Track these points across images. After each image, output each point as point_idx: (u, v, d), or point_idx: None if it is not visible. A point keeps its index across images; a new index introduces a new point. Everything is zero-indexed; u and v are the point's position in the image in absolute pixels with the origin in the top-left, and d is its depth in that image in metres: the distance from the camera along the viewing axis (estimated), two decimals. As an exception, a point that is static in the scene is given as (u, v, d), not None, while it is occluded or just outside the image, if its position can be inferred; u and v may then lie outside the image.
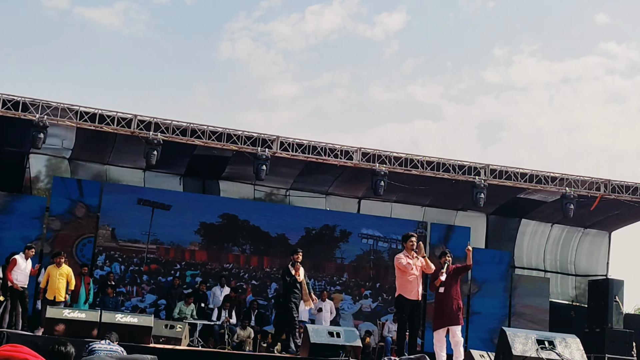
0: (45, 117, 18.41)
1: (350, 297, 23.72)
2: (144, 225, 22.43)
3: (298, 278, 15.84)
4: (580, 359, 11.21)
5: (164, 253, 22.60)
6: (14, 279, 17.10)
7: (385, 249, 24.01)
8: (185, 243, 22.86)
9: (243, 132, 20.02)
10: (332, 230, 24.05)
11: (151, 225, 22.53)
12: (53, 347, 5.79)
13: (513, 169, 21.58)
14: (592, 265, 25.85)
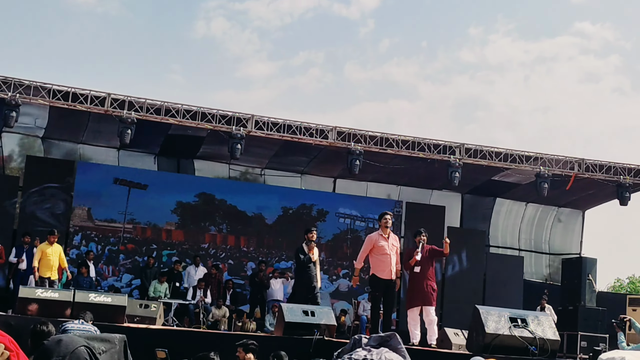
0: (17, 95, 18.19)
1: (327, 277, 23.76)
2: (120, 205, 22.35)
3: (312, 257, 15.53)
4: (552, 336, 11.28)
5: (140, 233, 22.56)
6: None
7: (363, 228, 24.05)
8: (162, 222, 22.81)
9: (218, 111, 19.90)
10: (309, 210, 24.06)
11: (127, 205, 22.46)
12: (35, 326, 5.76)
13: (488, 148, 21.61)
14: (566, 244, 26.04)
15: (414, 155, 21.16)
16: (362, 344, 3.71)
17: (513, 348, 10.90)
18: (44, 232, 19.93)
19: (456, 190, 24.14)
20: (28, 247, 19.21)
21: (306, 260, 15.44)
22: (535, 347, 11.00)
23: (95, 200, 22.15)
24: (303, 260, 15.53)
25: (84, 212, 21.99)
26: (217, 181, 23.67)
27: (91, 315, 11.18)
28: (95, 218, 22.07)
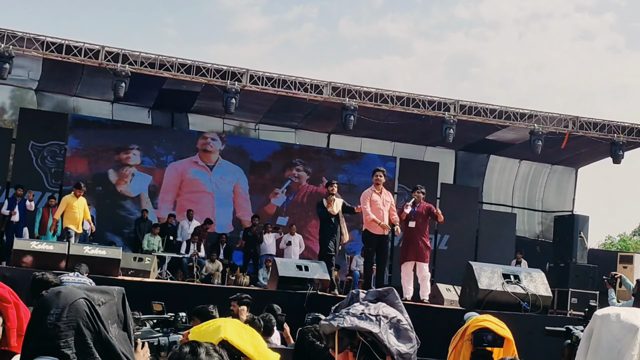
0: (10, 47, 18.07)
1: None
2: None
3: (332, 212, 14.97)
4: (544, 292, 11.37)
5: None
6: None
7: (361, 183, 24.07)
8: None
9: (212, 65, 19.81)
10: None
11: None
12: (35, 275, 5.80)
13: (482, 105, 21.59)
14: (559, 202, 26.14)
15: (408, 111, 21.13)
16: (359, 299, 3.71)
17: (506, 304, 11.00)
18: (37, 185, 20.00)
19: (450, 147, 24.13)
20: (20, 199, 19.19)
21: (325, 216, 15.04)
22: (527, 303, 11.09)
23: (89, 152, 22.11)
24: (322, 216, 15.21)
25: (78, 165, 21.95)
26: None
27: (86, 267, 11.23)
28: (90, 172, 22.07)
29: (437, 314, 12.25)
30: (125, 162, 22.51)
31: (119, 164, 22.44)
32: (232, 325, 3.61)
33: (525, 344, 5.54)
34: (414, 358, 3.63)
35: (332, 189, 15.06)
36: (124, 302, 3.35)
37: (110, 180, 22.38)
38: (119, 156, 22.43)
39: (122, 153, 22.45)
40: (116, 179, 22.43)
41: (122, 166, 22.46)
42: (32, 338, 3.07)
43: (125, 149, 22.47)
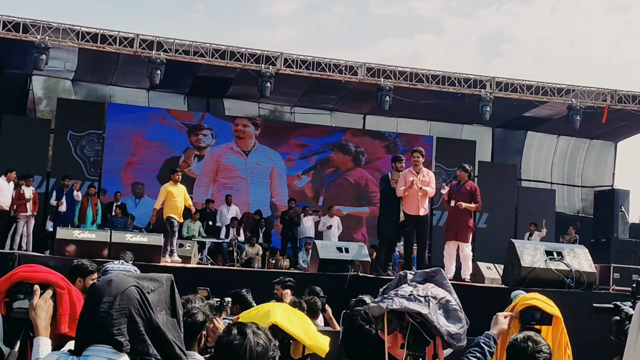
0: (46, 38, 18.23)
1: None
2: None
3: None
4: (588, 269, 11.28)
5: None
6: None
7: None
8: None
9: (246, 50, 19.83)
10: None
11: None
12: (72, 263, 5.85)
13: (519, 81, 21.42)
14: (599, 176, 25.86)
15: (444, 90, 21.03)
16: (407, 280, 3.70)
17: (549, 281, 10.90)
18: (76, 174, 20.15)
19: (487, 124, 23.97)
20: (67, 190, 19.31)
21: (387, 191, 14.23)
22: (571, 280, 11.00)
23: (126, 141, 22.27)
24: (384, 191, 14.44)
25: (115, 154, 22.12)
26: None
27: (131, 255, 11.27)
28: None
29: (479, 293, 12.18)
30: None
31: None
32: (281, 309, 3.62)
33: (571, 321, 5.50)
34: (463, 338, 3.62)
35: (400, 165, 14.25)
36: (172, 289, 3.37)
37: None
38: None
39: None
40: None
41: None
42: (85, 326, 3.10)
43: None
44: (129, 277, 3.21)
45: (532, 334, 4.41)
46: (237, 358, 2.93)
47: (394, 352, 3.68)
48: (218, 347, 2.99)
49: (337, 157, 24.06)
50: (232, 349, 2.93)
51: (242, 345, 2.93)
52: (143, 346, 3.08)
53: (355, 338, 4.59)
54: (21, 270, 3.77)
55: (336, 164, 24.06)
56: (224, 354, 2.94)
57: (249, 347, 2.94)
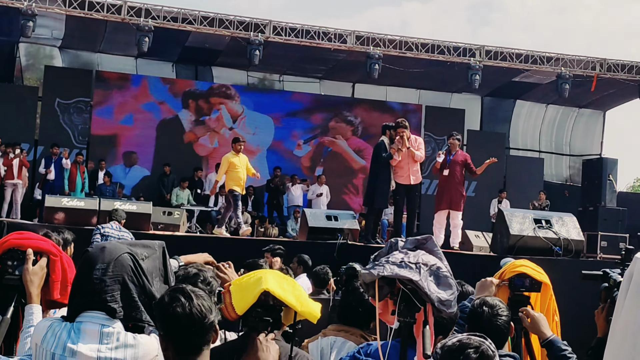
0: (33, 4, 18.09)
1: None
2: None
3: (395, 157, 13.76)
4: (576, 237, 11.35)
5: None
6: None
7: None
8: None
9: (235, 17, 19.74)
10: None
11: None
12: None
13: (508, 49, 21.41)
14: (587, 145, 25.92)
15: (433, 58, 21.00)
16: (398, 247, 3.72)
17: (537, 249, 10.97)
18: (64, 142, 20.08)
19: (476, 92, 23.97)
20: (56, 158, 19.25)
21: (380, 159, 13.89)
22: (559, 248, 11.07)
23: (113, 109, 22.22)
24: (377, 158, 14.02)
25: (103, 121, 22.05)
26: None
27: (123, 212, 11.19)
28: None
29: (468, 260, 12.25)
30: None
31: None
32: (273, 276, 3.64)
33: (559, 289, 5.54)
34: (454, 305, 3.65)
35: (393, 132, 13.95)
36: (164, 256, 3.39)
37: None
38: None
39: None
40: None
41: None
42: (79, 293, 3.12)
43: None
44: (122, 244, 3.23)
45: (488, 298, 4.45)
46: (193, 326, 2.84)
47: (384, 318, 3.71)
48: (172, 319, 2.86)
49: (337, 127, 24.03)
50: (186, 319, 2.84)
51: (191, 313, 2.84)
52: (136, 312, 3.11)
53: (355, 303, 4.66)
54: (12, 237, 3.77)
55: (336, 134, 23.99)
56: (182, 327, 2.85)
57: (200, 312, 2.85)
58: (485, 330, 3.98)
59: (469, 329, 4.15)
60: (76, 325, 3.04)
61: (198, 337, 2.84)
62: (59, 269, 3.71)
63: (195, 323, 2.80)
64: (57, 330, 3.03)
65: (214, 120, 23.15)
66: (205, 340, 2.87)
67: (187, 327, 2.80)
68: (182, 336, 2.82)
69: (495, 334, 4.05)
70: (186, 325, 2.80)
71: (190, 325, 2.80)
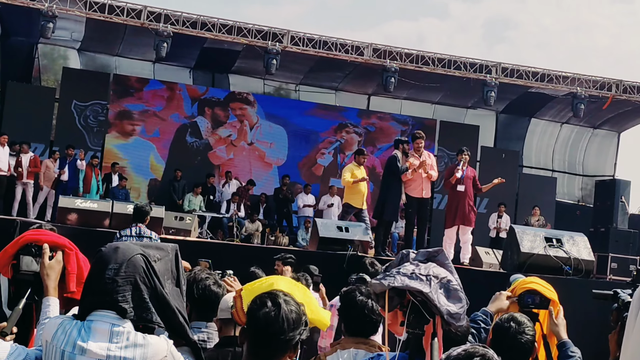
0: (54, 6, 18.22)
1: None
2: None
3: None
4: (587, 257, 11.32)
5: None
6: None
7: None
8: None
9: (254, 26, 19.83)
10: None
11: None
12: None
13: (525, 67, 21.42)
14: (600, 166, 25.84)
15: (449, 73, 21.02)
16: (409, 259, 3.73)
17: (548, 267, 10.94)
18: (79, 144, 20.12)
19: (491, 109, 23.94)
20: (71, 159, 19.29)
21: (393, 172, 13.98)
22: (569, 267, 11.04)
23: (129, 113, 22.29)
24: (389, 171, 14.07)
25: (119, 125, 22.13)
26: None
27: (147, 208, 10.91)
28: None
29: (478, 276, 12.24)
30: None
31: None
32: (284, 282, 3.66)
33: (568, 308, 5.53)
34: (463, 318, 3.65)
35: (406, 147, 14.04)
36: (177, 259, 3.41)
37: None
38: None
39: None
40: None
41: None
42: (90, 292, 3.14)
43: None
44: (135, 245, 3.25)
45: (517, 314, 4.47)
46: (276, 329, 2.97)
47: (393, 329, 3.72)
48: (253, 319, 3.00)
49: (348, 138, 24.02)
50: (269, 320, 2.97)
51: (278, 316, 2.97)
52: (147, 313, 3.12)
53: (356, 314, 4.64)
54: (29, 233, 3.82)
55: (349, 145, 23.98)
56: (262, 327, 2.97)
57: (285, 316, 2.98)
58: (510, 347, 4.01)
59: (493, 343, 4.17)
60: (87, 324, 3.05)
61: (274, 347, 2.97)
62: (74, 261, 3.76)
63: (277, 332, 2.95)
64: (68, 328, 3.05)
65: (234, 130, 23.13)
66: (281, 353, 2.98)
67: (267, 333, 2.97)
68: (261, 342, 2.95)
69: (519, 351, 4.08)
70: (267, 331, 2.96)
71: (272, 333, 2.97)
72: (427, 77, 21.59)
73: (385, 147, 23.61)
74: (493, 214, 21.34)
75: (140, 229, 10.37)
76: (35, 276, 3.71)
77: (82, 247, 3.85)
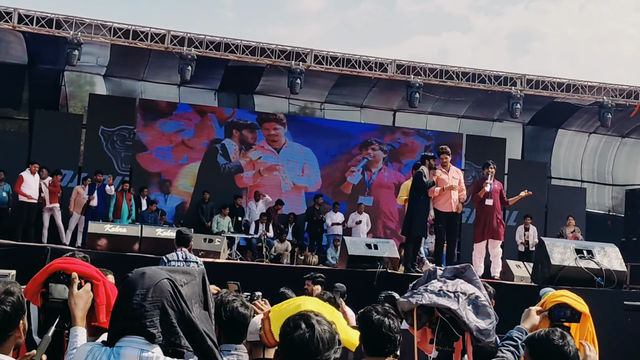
0: (79, 34, 18.41)
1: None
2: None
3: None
4: (619, 267, 11.22)
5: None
6: (25, 193, 17.77)
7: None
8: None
9: (277, 46, 19.92)
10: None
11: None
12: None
13: (550, 78, 21.33)
14: (630, 175, 25.64)
15: (474, 87, 20.99)
16: (437, 276, 3.73)
17: (579, 279, 10.86)
18: (107, 169, 20.23)
19: (517, 121, 23.84)
20: (100, 184, 19.39)
21: (429, 184, 13.70)
22: (601, 278, 10.94)
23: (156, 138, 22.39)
24: (416, 187, 13.88)
25: (145, 149, 22.25)
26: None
27: (188, 233, 10.80)
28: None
29: (509, 290, 12.16)
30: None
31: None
32: (311, 303, 3.66)
33: (601, 320, 5.49)
34: (492, 334, 3.64)
35: (433, 162, 13.95)
36: (204, 283, 3.42)
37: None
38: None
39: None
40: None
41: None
42: (119, 318, 3.15)
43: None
44: (162, 270, 3.26)
45: (554, 329, 4.36)
46: (312, 350, 2.96)
47: (423, 347, 3.71)
48: (288, 342, 2.99)
49: (375, 155, 23.97)
50: (304, 342, 2.96)
51: (313, 337, 2.97)
52: (175, 338, 3.13)
53: (374, 333, 4.59)
54: (58, 262, 3.85)
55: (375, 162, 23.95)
56: (297, 349, 2.97)
57: (319, 337, 2.98)
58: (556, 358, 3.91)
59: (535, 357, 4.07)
60: (116, 350, 3.06)
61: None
62: (103, 293, 3.78)
63: (313, 353, 2.95)
64: (98, 354, 3.06)
65: (262, 150, 23.22)
66: None
67: (304, 355, 2.96)
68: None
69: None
70: (303, 353, 2.95)
71: (308, 354, 2.95)
72: (452, 91, 21.57)
73: (411, 162, 23.57)
74: (520, 227, 21.14)
75: (186, 253, 10.37)
76: (64, 304, 3.73)
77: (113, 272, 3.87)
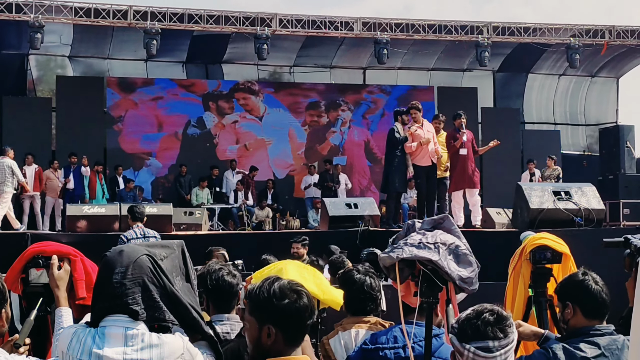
0: (40, 16, 18.19)
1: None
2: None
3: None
4: (597, 206, 11.27)
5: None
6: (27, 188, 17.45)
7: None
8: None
9: (240, 13, 19.78)
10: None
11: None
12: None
13: (515, 24, 21.34)
14: (602, 114, 25.75)
15: (441, 38, 20.97)
16: (416, 229, 3.73)
17: (559, 221, 10.88)
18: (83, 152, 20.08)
19: (487, 69, 23.86)
20: (75, 167, 19.27)
21: (402, 140, 13.72)
22: (580, 218, 10.99)
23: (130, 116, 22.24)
24: (392, 144, 13.91)
25: (118, 128, 22.10)
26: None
27: (141, 209, 10.88)
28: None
29: (491, 237, 12.21)
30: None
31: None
32: (293, 266, 3.66)
33: (583, 259, 5.51)
34: (475, 282, 3.65)
35: (406, 117, 13.97)
36: (184, 255, 3.41)
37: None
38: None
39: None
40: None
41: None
42: (100, 297, 3.14)
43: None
44: (140, 246, 3.24)
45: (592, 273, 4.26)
46: (307, 319, 2.98)
47: (407, 300, 3.72)
48: (288, 312, 2.96)
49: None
50: (302, 312, 2.97)
51: (307, 306, 2.97)
52: (159, 313, 3.12)
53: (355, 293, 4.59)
54: (32, 247, 3.84)
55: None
56: (297, 320, 2.96)
57: (310, 305, 3.00)
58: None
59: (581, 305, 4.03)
60: (100, 330, 3.06)
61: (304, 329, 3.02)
62: (81, 268, 3.77)
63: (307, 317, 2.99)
64: (82, 336, 3.06)
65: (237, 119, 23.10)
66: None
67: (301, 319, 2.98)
68: (296, 327, 2.97)
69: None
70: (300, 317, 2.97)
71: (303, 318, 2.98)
72: (419, 44, 21.55)
73: (375, 118, 23.63)
74: (524, 173, 21.02)
75: (143, 229, 10.31)
76: (45, 287, 3.72)
77: (95, 253, 3.84)
